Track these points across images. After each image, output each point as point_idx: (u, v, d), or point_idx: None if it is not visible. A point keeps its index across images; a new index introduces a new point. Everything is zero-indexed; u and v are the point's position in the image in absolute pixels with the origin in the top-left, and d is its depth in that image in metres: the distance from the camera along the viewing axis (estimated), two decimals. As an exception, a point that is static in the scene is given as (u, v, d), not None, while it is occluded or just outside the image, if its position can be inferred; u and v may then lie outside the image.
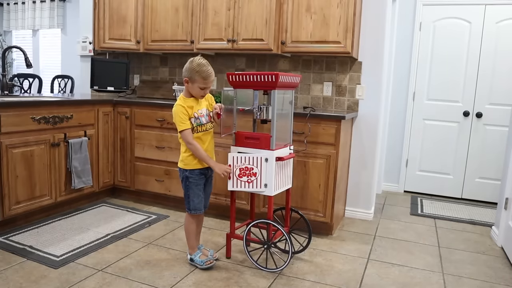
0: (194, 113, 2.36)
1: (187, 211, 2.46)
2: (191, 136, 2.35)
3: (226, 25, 3.50)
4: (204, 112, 2.40)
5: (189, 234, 2.50)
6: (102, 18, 3.88)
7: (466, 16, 4.16)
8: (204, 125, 2.40)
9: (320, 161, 3.01)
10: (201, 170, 2.42)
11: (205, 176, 2.47)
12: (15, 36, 7.35)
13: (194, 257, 2.48)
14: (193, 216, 2.46)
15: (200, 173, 2.42)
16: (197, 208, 2.44)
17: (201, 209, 2.45)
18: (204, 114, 2.40)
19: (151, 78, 4.31)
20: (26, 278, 2.25)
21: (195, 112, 2.36)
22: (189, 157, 2.40)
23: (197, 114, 2.36)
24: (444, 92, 4.31)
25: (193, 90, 2.34)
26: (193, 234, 2.50)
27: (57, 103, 3.14)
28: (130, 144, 3.67)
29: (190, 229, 2.49)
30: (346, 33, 3.14)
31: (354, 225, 3.40)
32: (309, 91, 3.67)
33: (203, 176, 2.45)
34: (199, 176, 2.43)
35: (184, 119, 2.33)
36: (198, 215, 2.48)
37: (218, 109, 2.41)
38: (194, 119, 2.36)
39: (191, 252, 2.52)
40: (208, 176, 2.50)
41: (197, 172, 2.41)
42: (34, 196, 2.99)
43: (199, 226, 2.59)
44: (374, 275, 2.50)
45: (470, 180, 4.30)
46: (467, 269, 2.65)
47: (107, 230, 2.99)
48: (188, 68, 2.31)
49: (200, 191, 2.44)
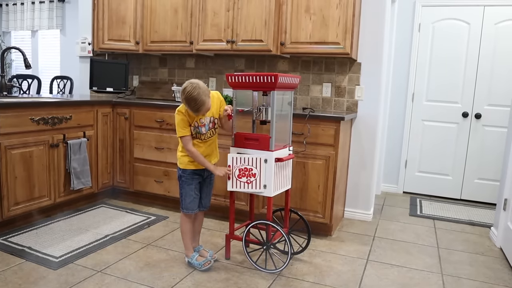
0: (194, 122, 2.35)
1: (181, 209, 2.47)
2: (190, 143, 2.35)
3: (226, 26, 3.50)
4: (207, 121, 2.38)
5: (184, 233, 2.50)
6: (101, 19, 3.88)
7: (465, 17, 4.17)
8: (204, 134, 2.39)
9: (319, 162, 3.01)
10: (194, 170, 2.42)
11: (202, 176, 2.47)
12: (14, 37, 7.35)
13: (191, 260, 2.48)
14: (186, 215, 2.46)
15: (193, 173, 2.42)
16: (189, 208, 2.43)
17: (193, 209, 2.45)
18: (205, 124, 2.37)
19: (150, 79, 4.31)
20: (25, 279, 2.25)
21: (196, 121, 2.35)
22: (183, 157, 2.41)
23: (197, 123, 2.35)
24: (443, 93, 4.31)
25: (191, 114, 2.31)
26: (188, 234, 2.50)
27: (56, 104, 3.14)
28: (129, 145, 3.67)
29: (185, 228, 2.48)
30: (346, 34, 3.15)
31: (353, 226, 3.40)
32: (308, 92, 3.67)
33: (197, 176, 2.44)
34: (192, 176, 2.42)
35: (184, 126, 2.33)
36: (191, 215, 2.48)
37: (229, 111, 2.40)
38: (194, 128, 2.36)
39: (187, 254, 2.52)
40: (205, 177, 2.49)
41: (189, 171, 2.42)
42: (33, 197, 2.99)
43: (199, 226, 2.59)
44: (373, 276, 2.50)
45: (469, 181, 4.31)
46: (466, 270, 2.65)
47: (106, 231, 2.99)
48: (181, 97, 2.24)
49: (192, 191, 2.43)
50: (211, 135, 2.42)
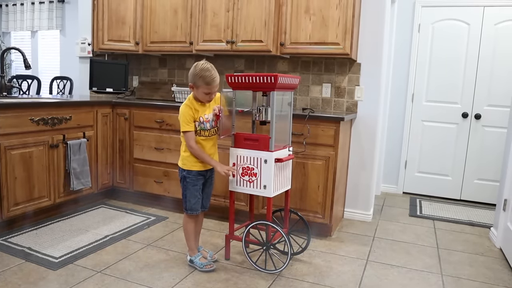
0: (200, 117, 2.35)
1: (184, 211, 2.46)
2: (193, 139, 2.34)
3: (225, 27, 3.50)
4: (210, 117, 2.39)
5: (188, 235, 2.50)
6: (101, 20, 3.88)
7: (464, 18, 4.17)
8: (208, 130, 2.39)
9: (319, 163, 3.01)
10: (199, 171, 2.42)
11: (204, 177, 2.47)
12: (13, 37, 7.35)
13: (194, 259, 2.48)
14: (190, 216, 2.46)
15: (198, 174, 2.42)
16: (193, 209, 2.43)
17: (198, 210, 2.45)
18: (209, 119, 2.39)
19: (150, 80, 4.31)
20: (24, 279, 2.25)
21: (201, 116, 2.36)
22: (188, 157, 2.40)
23: (202, 118, 2.36)
24: (443, 93, 4.31)
25: (198, 95, 2.33)
26: (192, 234, 2.50)
27: (56, 105, 3.14)
28: (129, 146, 3.67)
29: (188, 229, 2.48)
30: (345, 35, 3.15)
31: (353, 226, 3.40)
32: (308, 93, 3.67)
33: (201, 177, 2.44)
34: (197, 177, 2.42)
35: (189, 121, 2.33)
36: (195, 216, 2.48)
37: (216, 111, 2.40)
38: (199, 123, 2.36)
39: (191, 254, 2.52)
40: (207, 177, 2.49)
41: (194, 173, 2.41)
42: (32, 197, 2.99)
43: (199, 227, 2.59)
44: (373, 276, 2.50)
45: (468, 181, 4.31)
46: (466, 270, 2.65)
47: (106, 232, 2.98)
48: (192, 73, 2.30)
49: (197, 192, 2.43)
50: (214, 132, 2.43)
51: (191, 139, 2.34)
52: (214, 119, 2.41)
